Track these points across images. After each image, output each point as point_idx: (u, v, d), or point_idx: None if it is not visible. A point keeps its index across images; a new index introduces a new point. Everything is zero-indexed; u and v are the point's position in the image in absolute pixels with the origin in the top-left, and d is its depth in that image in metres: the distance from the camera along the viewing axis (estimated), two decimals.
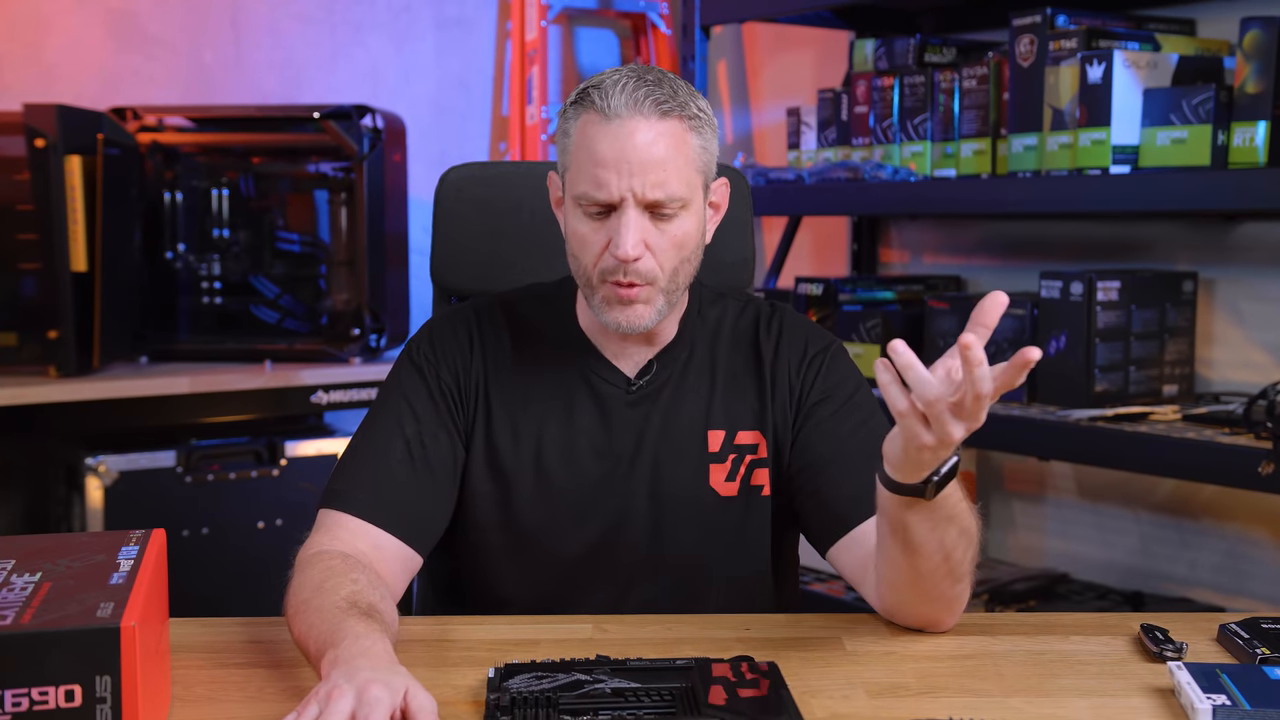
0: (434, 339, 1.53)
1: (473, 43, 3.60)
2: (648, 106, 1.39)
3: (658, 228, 1.41)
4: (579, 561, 1.50)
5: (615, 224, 1.40)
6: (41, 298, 2.73)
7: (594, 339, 1.53)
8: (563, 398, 1.51)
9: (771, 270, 3.23)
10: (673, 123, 1.40)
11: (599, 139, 1.39)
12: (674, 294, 1.46)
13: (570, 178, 1.44)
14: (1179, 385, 2.53)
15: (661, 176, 1.38)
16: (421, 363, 1.51)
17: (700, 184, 1.44)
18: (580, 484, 1.50)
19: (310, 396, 2.93)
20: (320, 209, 3.14)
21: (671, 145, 1.40)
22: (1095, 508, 2.81)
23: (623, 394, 1.51)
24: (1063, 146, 2.41)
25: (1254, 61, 2.16)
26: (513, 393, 1.51)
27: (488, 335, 1.53)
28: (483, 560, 1.52)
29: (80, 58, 3.14)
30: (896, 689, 1.24)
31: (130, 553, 1.18)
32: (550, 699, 1.11)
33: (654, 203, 1.39)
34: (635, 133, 1.38)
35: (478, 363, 1.52)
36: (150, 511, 2.77)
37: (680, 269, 1.44)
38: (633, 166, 1.38)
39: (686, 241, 1.43)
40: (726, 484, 1.51)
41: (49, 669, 1.00)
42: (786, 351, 1.54)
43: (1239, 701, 1.13)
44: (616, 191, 1.39)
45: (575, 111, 1.43)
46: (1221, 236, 2.56)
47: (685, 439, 1.51)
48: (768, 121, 3.59)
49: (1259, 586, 2.52)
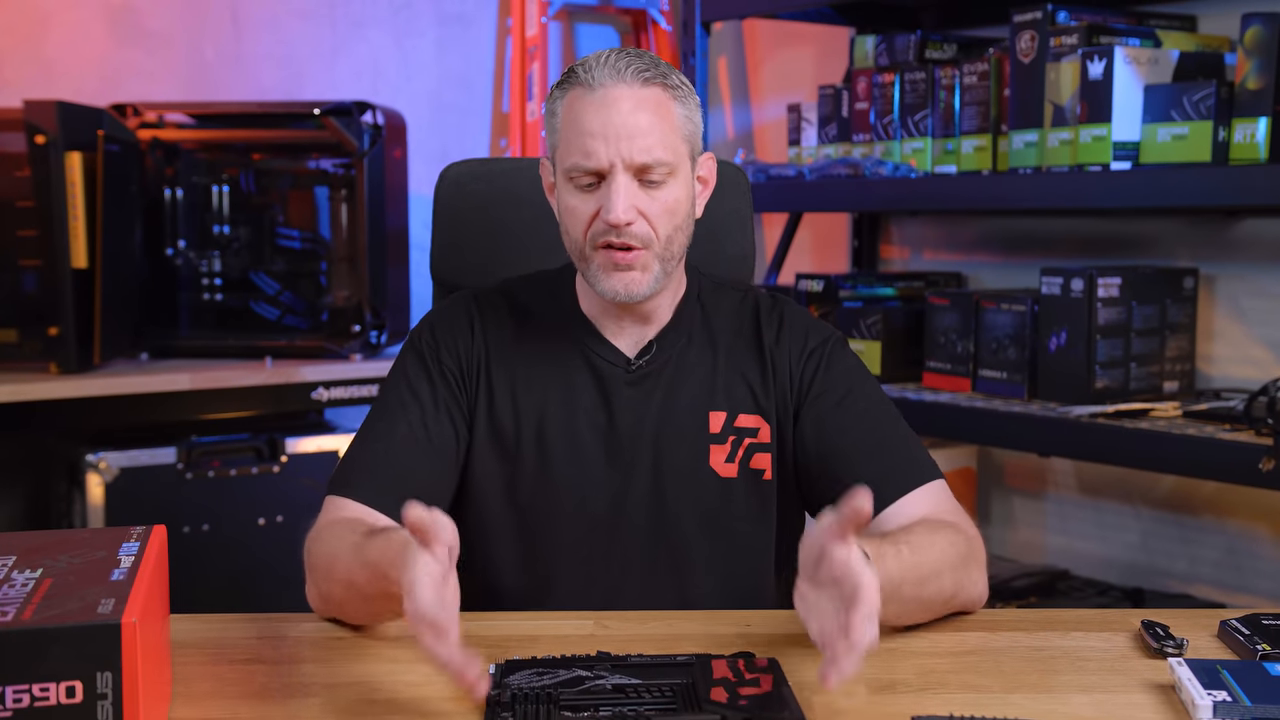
0: (434, 324, 1.56)
1: (473, 39, 3.59)
2: (630, 75, 1.42)
3: (648, 194, 1.43)
4: (579, 541, 1.51)
5: (605, 192, 1.42)
6: (42, 294, 2.73)
7: (594, 320, 1.54)
8: (563, 377, 1.53)
9: (772, 266, 3.23)
10: (655, 90, 1.43)
11: (584, 110, 1.42)
12: (669, 263, 1.47)
13: (560, 155, 1.46)
14: (1180, 381, 2.53)
15: (647, 142, 1.41)
16: (423, 348, 1.54)
17: (687, 153, 1.47)
18: (582, 463, 1.51)
19: (311, 393, 2.93)
20: (321, 205, 3.13)
21: (655, 111, 1.43)
22: (1096, 504, 2.81)
23: (623, 373, 1.52)
24: (1063, 143, 2.40)
25: (1255, 57, 2.16)
26: (514, 373, 1.53)
27: (488, 317, 1.55)
28: (482, 542, 1.53)
29: (80, 54, 3.14)
30: (897, 685, 1.24)
31: (131, 549, 1.18)
32: (551, 695, 1.11)
33: (642, 167, 1.42)
34: (619, 100, 1.41)
35: (478, 344, 1.53)
36: (151, 508, 2.77)
37: (674, 237, 1.46)
38: (619, 131, 1.41)
39: (677, 209, 1.45)
40: (726, 465, 1.52)
41: (50, 665, 1.00)
42: (788, 341, 1.55)
43: (1239, 698, 1.13)
44: (605, 158, 1.41)
45: (561, 92, 1.47)
46: (1222, 233, 2.56)
47: (686, 419, 1.52)
48: (768, 118, 3.59)
49: (1259, 583, 2.52)
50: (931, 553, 1.34)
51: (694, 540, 1.52)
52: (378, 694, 1.21)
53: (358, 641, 1.35)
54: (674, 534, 1.52)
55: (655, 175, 1.43)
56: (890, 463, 1.47)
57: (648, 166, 1.42)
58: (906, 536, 1.35)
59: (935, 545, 1.36)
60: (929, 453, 1.52)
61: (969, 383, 2.64)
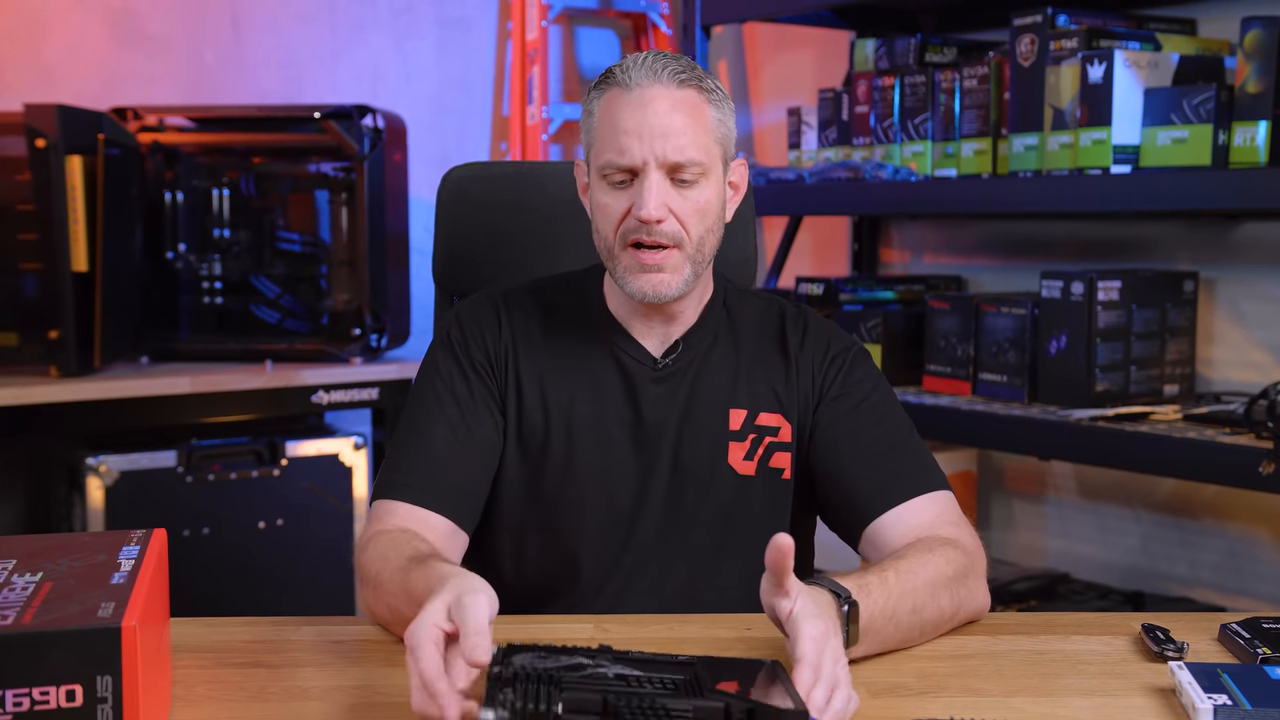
0: (461, 321, 1.56)
1: (473, 42, 3.60)
2: (666, 76, 1.44)
3: (680, 194, 1.44)
4: (600, 535, 1.52)
5: (638, 190, 1.43)
6: (42, 298, 2.73)
7: (621, 320, 1.55)
8: (590, 373, 1.53)
9: (772, 270, 3.23)
10: (690, 92, 1.45)
11: (620, 109, 1.44)
12: (700, 265, 1.48)
13: (594, 154, 1.47)
14: (1180, 385, 2.53)
15: (681, 142, 1.42)
16: (452, 345, 1.54)
17: (719, 156, 1.47)
18: (608, 458, 1.52)
19: (311, 396, 2.93)
20: (321, 209, 3.14)
21: (690, 113, 1.44)
22: (1096, 507, 2.81)
23: (650, 371, 1.53)
24: (1063, 146, 2.40)
25: (1255, 61, 2.16)
26: (541, 367, 1.53)
27: (515, 314, 1.56)
28: (504, 534, 1.54)
29: (81, 57, 3.14)
30: (897, 688, 1.24)
31: (131, 552, 1.18)
32: (553, 677, 1.11)
33: (675, 165, 1.42)
34: (655, 99, 1.43)
35: (506, 339, 1.54)
36: (151, 511, 2.77)
37: (705, 239, 1.47)
38: (654, 130, 1.42)
39: (708, 210, 1.46)
40: (745, 463, 1.53)
41: (50, 669, 1.00)
42: (811, 345, 1.56)
43: (1240, 701, 1.13)
44: (639, 155, 1.42)
45: (598, 93, 1.48)
46: (1222, 236, 2.56)
47: (707, 415, 1.53)
48: (768, 121, 3.59)
49: (1260, 586, 2.52)
50: (925, 573, 1.34)
51: (709, 536, 1.53)
52: (377, 697, 1.21)
53: (357, 645, 1.35)
54: (689, 530, 1.52)
55: (688, 175, 1.43)
56: (897, 468, 1.48)
57: (681, 165, 1.43)
58: (896, 562, 1.35)
59: (929, 565, 1.36)
60: (939, 465, 1.53)
61: (969, 386, 2.64)
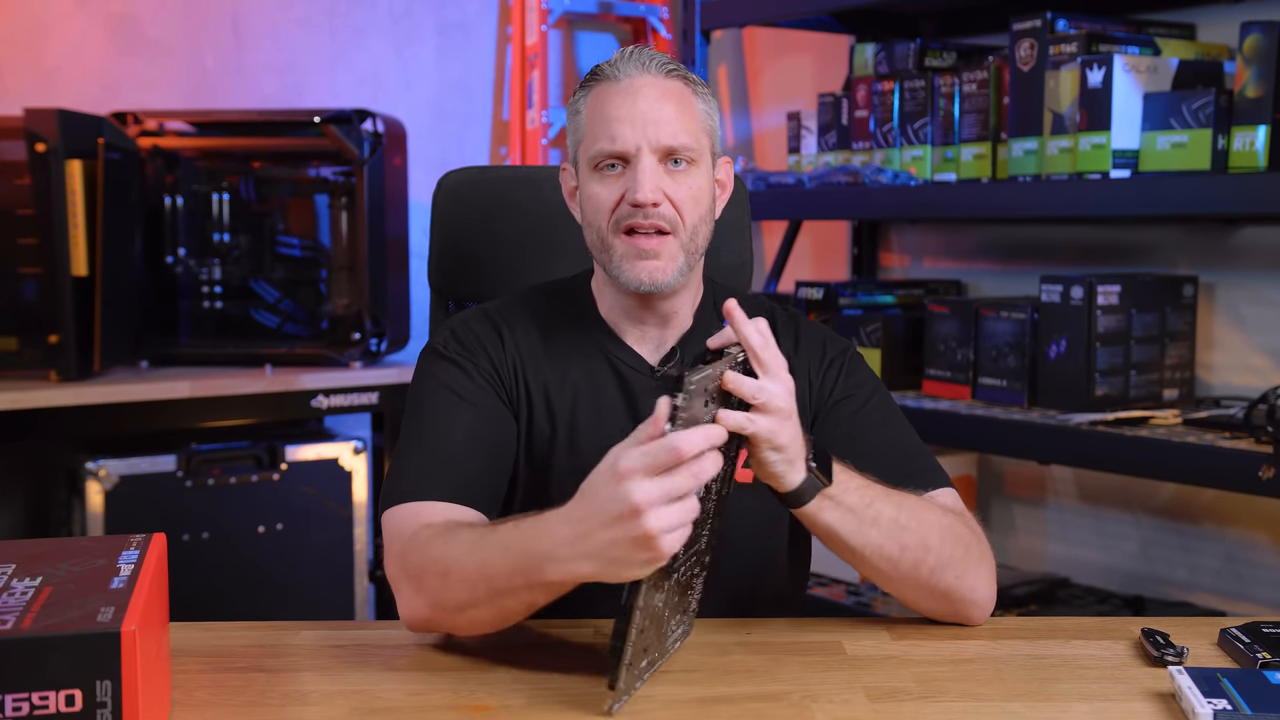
0: (459, 336, 1.51)
1: (473, 47, 3.60)
2: (654, 67, 1.45)
3: (673, 179, 1.44)
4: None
5: (631, 175, 1.43)
6: (42, 302, 2.73)
7: (614, 325, 1.54)
8: (590, 382, 1.52)
9: (772, 274, 3.23)
10: (677, 83, 1.46)
11: (610, 99, 1.44)
12: (693, 257, 1.47)
13: (584, 147, 1.47)
14: (1179, 389, 2.53)
15: (673, 127, 1.43)
16: (455, 356, 1.49)
17: (708, 147, 1.48)
18: None
19: (310, 401, 2.93)
20: (321, 213, 3.14)
21: (679, 102, 1.45)
22: (1096, 512, 2.81)
23: (648, 379, 1.52)
24: (1063, 150, 2.41)
25: (1254, 66, 2.16)
26: (545, 379, 1.52)
27: (515, 328, 1.53)
28: None
29: (81, 62, 3.14)
30: (897, 693, 1.24)
31: (131, 557, 1.18)
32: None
33: (668, 150, 1.43)
34: (645, 87, 1.44)
35: (511, 353, 1.51)
36: (151, 516, 2.77)
37: (699, 228, 1.46)
38: (645, 116, 1.42)
39: (701, 197, 1.46)
40: (742, 470, 1.52)
41: (49, 674, 1.00)
42: (806, 349, 1.56)
43: (1240, 706, 1.13)
44: (632, 141, 1.42)
45: (585, 91, 1.48)
46: (1222, 240, 2.57)
47: None
48: (768, 126, 3.60)
49: (1260, 591, 2.52)
50: (923, 506, 1.37)
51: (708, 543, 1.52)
52: (377, 702, 1.21)
53: (357, 650, 1.35)
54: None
55: (680, 160, 1.44)
56: (904, 469, 1.48)
57: (674, 150, 1.43)
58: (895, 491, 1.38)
59: (930, 505, 1.39)
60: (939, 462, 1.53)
61: (969, 390, 2.64)
